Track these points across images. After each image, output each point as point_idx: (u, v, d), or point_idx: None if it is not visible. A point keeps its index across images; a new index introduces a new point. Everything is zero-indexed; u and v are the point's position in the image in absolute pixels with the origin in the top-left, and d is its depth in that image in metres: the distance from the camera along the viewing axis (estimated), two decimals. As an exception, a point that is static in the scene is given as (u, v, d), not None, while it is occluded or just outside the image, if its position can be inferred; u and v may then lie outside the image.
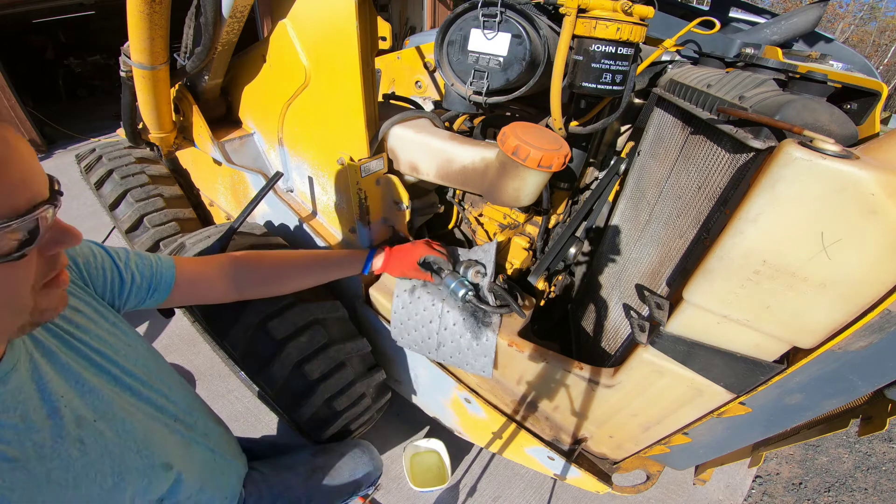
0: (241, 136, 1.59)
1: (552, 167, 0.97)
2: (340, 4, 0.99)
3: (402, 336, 1.32)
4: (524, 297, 1.28)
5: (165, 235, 1.89)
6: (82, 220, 3.68)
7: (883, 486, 2.06)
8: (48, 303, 0.50)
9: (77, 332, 0.64)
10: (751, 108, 0.79)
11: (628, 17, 0.93)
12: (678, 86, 1.06)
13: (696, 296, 0.80)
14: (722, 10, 1.85)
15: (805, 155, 0.60)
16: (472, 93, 1.10)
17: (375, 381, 1.48)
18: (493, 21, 0.99)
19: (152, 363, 0.76)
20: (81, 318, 0.66)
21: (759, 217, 0.67)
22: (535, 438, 1.36)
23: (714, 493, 1.96)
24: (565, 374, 1.17)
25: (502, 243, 1.49)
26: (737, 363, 0.87)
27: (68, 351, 0.62)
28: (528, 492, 1.89)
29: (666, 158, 1.10)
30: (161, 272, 0.82)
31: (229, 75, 1.52)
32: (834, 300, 0.69)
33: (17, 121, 4.77)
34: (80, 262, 0.71)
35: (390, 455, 1.96)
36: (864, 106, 1.02)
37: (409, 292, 1.27)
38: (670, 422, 1.11)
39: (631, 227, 1.27)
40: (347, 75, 1.07)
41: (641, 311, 1.08)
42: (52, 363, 0.59)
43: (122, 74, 1.40)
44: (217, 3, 1.12)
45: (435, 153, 1.18)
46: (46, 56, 7.27)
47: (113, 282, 0.75)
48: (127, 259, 0.78)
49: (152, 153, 2.06)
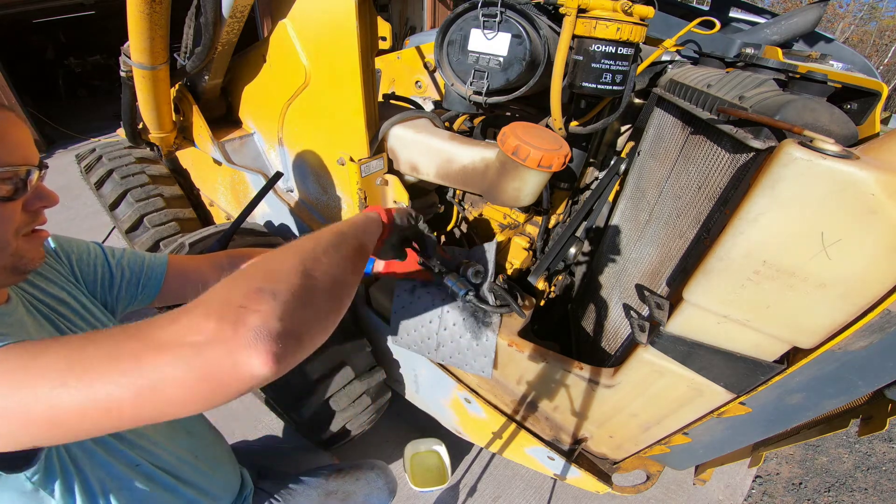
0: (241, 136, 1.59)
1: (552, 167, 0.97)
2: (340, 4, 0.99)
3: (402, 336, 1.32)
4: (524, 297, 1.28)
5: (165, 235, 1.89)
6: (82, 220, 3.68)
7: (883, 486, 2.06)
8: (27, 250, 0.58)
9: (63, 314, 0.68)
10: (751, 108, 0.79)
11: (628, 17, 0.93)
12: (678, 86, 1.06)
13: (696, 296, 0.80)
14: (722, 10, 1.85)
15: (805, 155, 0.60)
16: (472, 93, 1.10)
17: (375, 381, 1.49)
18: (493, 21, 1.00)
19: None
20: (66, 309, 0.69)
21: (760, 217, 0.67)
22: (535, 438, 1.36)
23: (714, 493, 1.96)
24: (565, 374, 1.17)
25: (502, 243, 1.49)
26: (737, 363, 0.87)
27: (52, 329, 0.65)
28: (528, 492, 1.89)
29: (666, 158, 1.10)
30: (152, 267, 0.83)
31: (229, 75, 1.52)
32: (834, 300, 0.69)
33: (17, 121, 4.77)
34: (73, 259, 0.74)
35: (390, 455, 1.96)
36: (864, 106, 1.02)
37: (409, 292, 1.27)
38: (670, 422, 1.11)
39: (631, 227, 1.27)
40: (347, 75, 1.07)
41: (641, 311, 1.08)
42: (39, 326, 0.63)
43: (122, 74, 1.40)
44: (217, 3, 1.12)
45: (435, 153, 1.18)
46: (46, 56, 7.27)
47: (104, 277, 0.78)
48: (120, 257, 0.81)
49: (152, 153, 2.06)
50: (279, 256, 0.51)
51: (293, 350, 0.43)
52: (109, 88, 7.35)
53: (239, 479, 1.00)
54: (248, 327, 0.39)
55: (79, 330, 0.68)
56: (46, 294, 0.67)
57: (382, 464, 1.29)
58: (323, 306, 0.50)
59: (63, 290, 0.69)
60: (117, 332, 0.41)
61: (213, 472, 0.87)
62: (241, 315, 0.40)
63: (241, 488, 0.99)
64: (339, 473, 1.17)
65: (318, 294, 0.50)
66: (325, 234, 0.60)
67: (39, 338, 0.57)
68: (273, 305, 0.42)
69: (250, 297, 0.42)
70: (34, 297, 0.65)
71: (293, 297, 0.45)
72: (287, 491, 1.08)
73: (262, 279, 0.45)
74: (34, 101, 5.66)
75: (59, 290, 0.69)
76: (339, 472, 1.18)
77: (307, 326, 0.46)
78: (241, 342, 0.39)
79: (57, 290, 0.68)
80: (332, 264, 0.54)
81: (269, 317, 0.41)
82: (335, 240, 0.59)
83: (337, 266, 0.55)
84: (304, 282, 0.48)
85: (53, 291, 0.68)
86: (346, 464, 1.25)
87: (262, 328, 0.40)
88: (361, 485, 1.17)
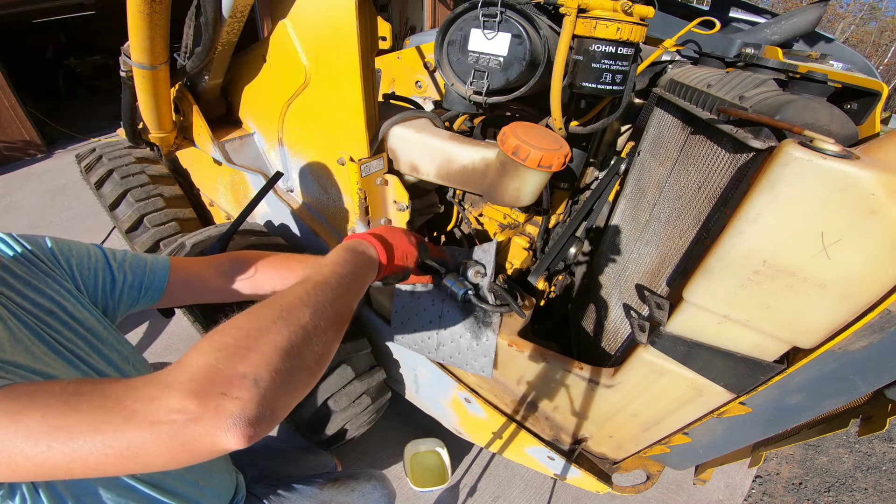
0: (241, 136, 1.59)
1: (552, 167, 0.97)
2: (340, 4, 0.99)
3: (402, 336, 1.32)
4: (524, 297, 1.28)
5: (165, 235, 1.89)
6: (82, 220, 3.68)
7: (883, 486, 2.06)
8: None
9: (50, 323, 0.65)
10: (751, 108, 0.79)
11: (628, 17, 0.93)
12: (678, 86, 1.06)
13: (696, 296, 0.80)
14: (722, 10, 1.85)
15: (805, 155, 0.60)
16: (472, 93, 1.10)
17: (375, 381, 1.49)
18: (493, 21, 0.99)
19: (129, 366, 0.76)
20: (54, 319, 0.66)
21: (760, 217, 0.67)
22: (535, 438, 1.36)
23: (714, 493, 1.96)
24: (565, 374, 1.17)
25: (502, 243, 1.49)
26: (737, 363, 0.87)
27: (33, 337, 0.62)
28: (528, 492, 1.89)
29: (666, 158, 1.10)
30: (154, 271, 0.81)
31: (229, 75, 1.52)
32: (834, 300, 0.69)
33: (18, 121, 4.77)
34: (72, 263, 0.71)
35: (390, 455, 1.96)
36: (864, 106, 1.02)
37: (409, 292, 1.27)
38: (670, 422, 1.11)
39: (631, 227, 1.27)
40: (347, 75, 1.07)
41: (641, 311, 1.08)
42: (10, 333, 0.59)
43: (122, 74, 1.40)
44: (217, 3, 1.12)
45: (435, 153, 1.18)
46: (46, 56, 7.26)
47: (104, 281, 0.76)
48: (122, 259, 0.79)
49: (152, 153, 2.06)
50: (270, 325, 0.50)
51: (267, 427, 0.46)
52: (109, 88, 7.35)
53: (233, 486, 0.98)
54: (227, 414, 0.42)
55: (67, 342, 0.65)
56: (34, 304, 0.64)
57: (381, 474, 1.26)
58: (302, 384, 0.51)
59: (52, 302, 0.66)
60: (98, 397, 0.43)
61: (204, 481, 0.85)
62: (221, 402, 0.43)
63: (234, 493, 0.98)
64: (335, 483, 1.14)
65: (302, 375, 0.51)
66: (322, 296, 0.58)
67: (13, 350, 0.56)
68: (254, 394, 0.44)
69: (233, 382, 0.44)
70: (20, 307, 0.62)
71: (274, 384, 0.46)
72: (279, 498, 1.05)
73: (246, 362, 0.46)
74: (34, 101, 5.65)
75: (48, 302, 0.66)
76: (334, 481, 1.15)
77: (285, 408, 0.48)
78: (220, 425, 0.42)
79: (46, 301, 0.66)
80: (321, 343, 0.54)
81: (249, 405, 0.43)
82: (330, 304, 0.58)
83: (326, 344, 0.55)
84: (288, 365, 0.49)
85: (42, 302, 0.65)
86: (343, 472, 1.22)
87: (240, 415, 0.43)
88: (356, 496, 1.14)
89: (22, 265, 0.65)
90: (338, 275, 0.65)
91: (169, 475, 0.76)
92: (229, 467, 0.98)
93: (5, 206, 3.94)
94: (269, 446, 1.32)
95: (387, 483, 1.24)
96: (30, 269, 0.66)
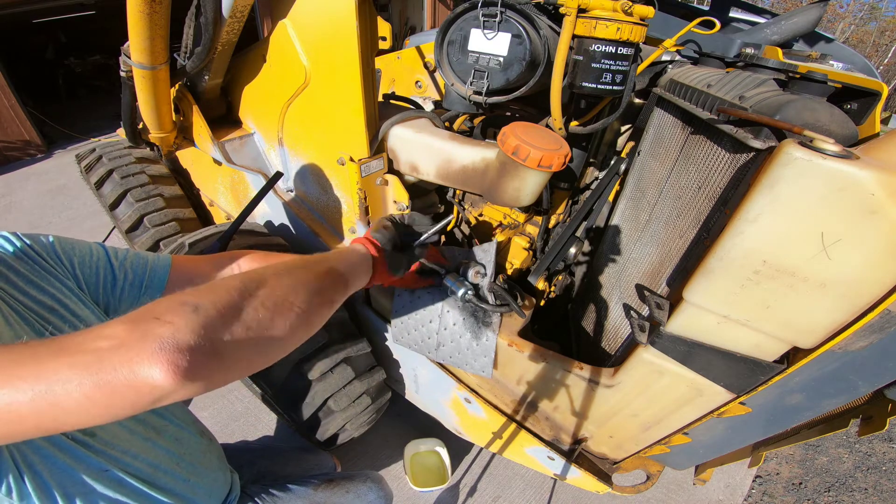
0: (241, 136, 1.59)
1: (552, 167, 0.97)
2: (340, 4, 0.99)
3: (402, 336, 1.32)
4: (524, 297, 1.28)
5: (165, 235, 1.89)
6: (82, 220, 3.68)
7: (883, 486, 2.06)
8: None
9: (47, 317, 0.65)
10: (751, 108, 0.79)
11: (628, 17, 0.93)
12: (678, 86, 1.06)
13: (696, 296, 0.80)
14: (722, 10, 1.85)
15: (805, 155, 0.60)
16: (472, 93, 1.10)
17: (375, 381, 1.49)
18: (493, 21, 1.00)
19: None
20: (55, 317, 0.66)
21: (759, 217, 0.67)
22: (535, 438, 1.36)
23: (714, 493, 1.96)
24: (565, 374, 1.17)
25: (502, 243, 1.49)
26: (737, 363, 0.87)
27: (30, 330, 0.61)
28: (528, 492, 1.89)
29: (666, 158, 1.10)
30: (155, 269, 0.82)
31: (229, 75, 1.52)
32: (834, 300, 0.69)
33: (18, 121, 4.77)
34: (75, 261, 0.72)
35: (390, 455, 1.96)
36: (864, 106, 1.02)
37: (409, 292, 1.27)
38: (670, 422, 1.11)
39: (631, 227, 1.27)
40: (347, 75, 1.07)
41: (641, 311, 1.08)
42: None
43: (122, 74, 1.40)
44: (217, 3, 1.12)
45: (435, 153, 1.18)
46: (46, 56, 7.26)
47: (105, 279, 0.76)
48: (124, 258, 0.79)
49: (152, 153, 2.06)
50: (230, 279, 0.49)
51: (207, 366, 0.40)
52: (109, 88, 7.35)
53: (228, 484, 0.98)
54: (154, 336, 0.38)
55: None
56: (36, 301, 0.64)
57: (378, 475, 1.25)
58: (256, 325, 0.47)
59: (54, 299, 0.66)
60: (45, 340, 0.39)
61: (196, 478, 0.84)
62: (151, 325, 0.38)
63: (228, 493, 0.97)
64: (330, 484, 1.12)
65: (251, 312, 0.47)
66: (292, 258, 0.58)
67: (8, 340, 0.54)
68: (190, 318, 0.40)
69: (170, 308, 0.40)
70: (21, 304, 0.62)
71: (216, 312, 0.43)
72: (272, 498, 1.04)
73: (194, 293, 0.43)
74: (34, 101, 5.65)
75: (50, 299, 0.66)
76: (329, 482, 1.13)
77: (230, 345, 0.43)
78: (145, 351, 0.37)
79: (47, 299, 0.65)
80: (281, 286, 0.52)
81: (181, 329, 0.39)
82: (299, 263, 0.57)
83: (288, 287, 0.52)
84: (234, 298, 0.46)
85: (43, 300, 0.65)
86: (339, 473, 1.21)
87: (169, 339, 0.38)
88: (351, 497, 1.12)
89: (24, 262, 0.65)
90: (319, 260, 0.65)
91: (159, 469, 0.76)
92: (223, 466, 0.98)
93: (5, 206, 3.94)
94: (267, 446, 1.32)
95: (383, 484, 1.24)
96: (32, 267, 0.66)
